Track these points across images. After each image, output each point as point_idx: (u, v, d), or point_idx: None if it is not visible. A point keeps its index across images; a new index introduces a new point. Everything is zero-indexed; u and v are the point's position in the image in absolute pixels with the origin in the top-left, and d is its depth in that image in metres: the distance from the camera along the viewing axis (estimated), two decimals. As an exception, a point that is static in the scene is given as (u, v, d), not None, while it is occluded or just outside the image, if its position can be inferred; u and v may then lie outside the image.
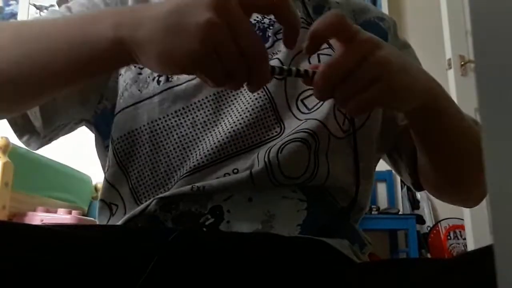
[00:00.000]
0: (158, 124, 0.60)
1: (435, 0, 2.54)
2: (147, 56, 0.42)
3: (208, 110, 0.60)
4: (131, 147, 0.61)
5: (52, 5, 3.15)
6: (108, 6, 0.66)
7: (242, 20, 0.40)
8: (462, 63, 2.36)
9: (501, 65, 0.17)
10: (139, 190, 0.60)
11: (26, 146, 0.65)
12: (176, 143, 0.59)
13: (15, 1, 3.19)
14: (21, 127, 0.63)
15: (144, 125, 0.60)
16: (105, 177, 0.63)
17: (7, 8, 3.19)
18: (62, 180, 2.29)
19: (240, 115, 0.58)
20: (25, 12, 3.14)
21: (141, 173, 0.60)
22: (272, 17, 0.65)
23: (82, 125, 0.70)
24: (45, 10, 3.14)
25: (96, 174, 2.51)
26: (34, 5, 3.16)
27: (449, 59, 2.37)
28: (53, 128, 0.65)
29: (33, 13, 3.15)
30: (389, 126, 0.67)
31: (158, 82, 0.62)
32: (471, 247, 2.23)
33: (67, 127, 0.68)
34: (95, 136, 0.68)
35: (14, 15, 3.16)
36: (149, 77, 0.62)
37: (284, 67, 0.46)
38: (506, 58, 0.17)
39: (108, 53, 0.44)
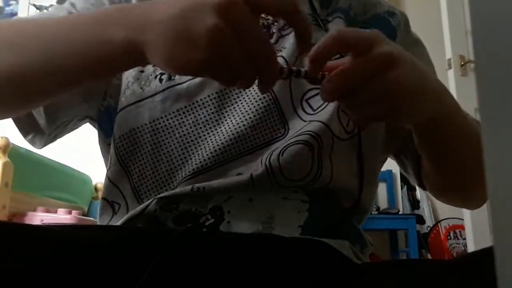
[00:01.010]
0: (160, 123, 0.60)
1: (435, 0, 2.54)
2: (156, 59, 0.42)
3: (211, 109, 0.59)
4: (133, 146, 0.61)
5: (52, 5, 3.15)
6: (114, 2, 0.65)
7: (249, 22, 0.40)
8: (462, 63, 2.36)
9: (501, 65, 0.17)
10: (141, 189, 0.60)
11: (31, 144, 0.64)
12: (178, 142, 0.59)
13: (15, 1, 3.19)
14: (26, 125, 0.63)
15: (146, 124, 0.60)
16: (107, 175, 0.63)
17: (7, 8, 3.19)
18: (62, 180, 2.29)
19: (244, 116, 0.58)
20: (25, 12, 3.14)
21: (143, 172, 0.60)
22: None
23: (86, 122, 0.69)
24: (45, 10, 3.13)
25: (96, 174, 2.51)
26: (34, 5, 3.16)
27: (449, 59, 2.37)
28: (57, 126, 0.64)
29: (33, 13, 3.14)
30: (394, 129, 0.67)
31: (161, 80, 0.61)
32: (471, 247, 2.23)
33: (71, 124, 0.67)
34: (98, 133, 0.68)
35: (14, 15, 3.16)
36: (151, 75, 0.62)
37: (293, 68, 0.45)
38: (506, 58, 0.17)
39: (119, 55, 0.44)
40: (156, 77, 0.62)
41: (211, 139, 0.58)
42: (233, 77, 0.42)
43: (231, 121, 0.58)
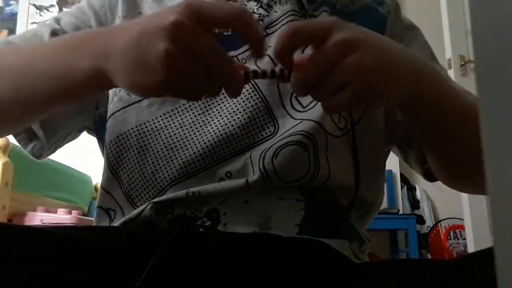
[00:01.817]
0: (146, 126, 0.60)
1: (435, 0, 2.54)
2: (121, 84, 0.44)
3: (197, 111, 0.59)
4: (121, 151, 0.61)
5: (52, 5, 3.15)
6: (98, 15, 0.67)
7: (199, 40, 0.40)
8: (462, 63, 2.36)
9: (501, 65, 0.17)
10: (132, 194, 0.60)
11: (31, 155, 0.65)
12: (164, 143, 0.59)
13: (15, 1, 3.18)
14: (25, 136, 0.64)
15: (132, 128, 0.60)
16: (101, 184, 0.63)
17: (7, 8, 3.19)
18: (62, 180, 2.29)
19: (232, 116, 0.57)
20: (25, 12, 3.14)
21: (131, 176, 0.60)
22: (261, 12, 0.64)
23: (84, 131, 0.71)
24: (45, 10, 3.14)
25: (96, 174, 2.51)
26: (34, 5, 3.16)
27: (449, 59, 2.37)
28: (55, 140, 0.66)
29: (33, 13, 3.15)
30: (392, 119, 0.65)
31: None
32: (471, 247, 2.24)
33: (70, 136, 0.69)
34: (98, 143, 0.69)
35: (14, 15, 3.16)
36: None
37: (258, 70, 0.46)
38: (506, 58, 0.17)
39: (87, 82, 0.47)
40: None
41: (198, 140, 0.57)
42: (196, 93, 0.43)
43: (218, 121, 0.58)
